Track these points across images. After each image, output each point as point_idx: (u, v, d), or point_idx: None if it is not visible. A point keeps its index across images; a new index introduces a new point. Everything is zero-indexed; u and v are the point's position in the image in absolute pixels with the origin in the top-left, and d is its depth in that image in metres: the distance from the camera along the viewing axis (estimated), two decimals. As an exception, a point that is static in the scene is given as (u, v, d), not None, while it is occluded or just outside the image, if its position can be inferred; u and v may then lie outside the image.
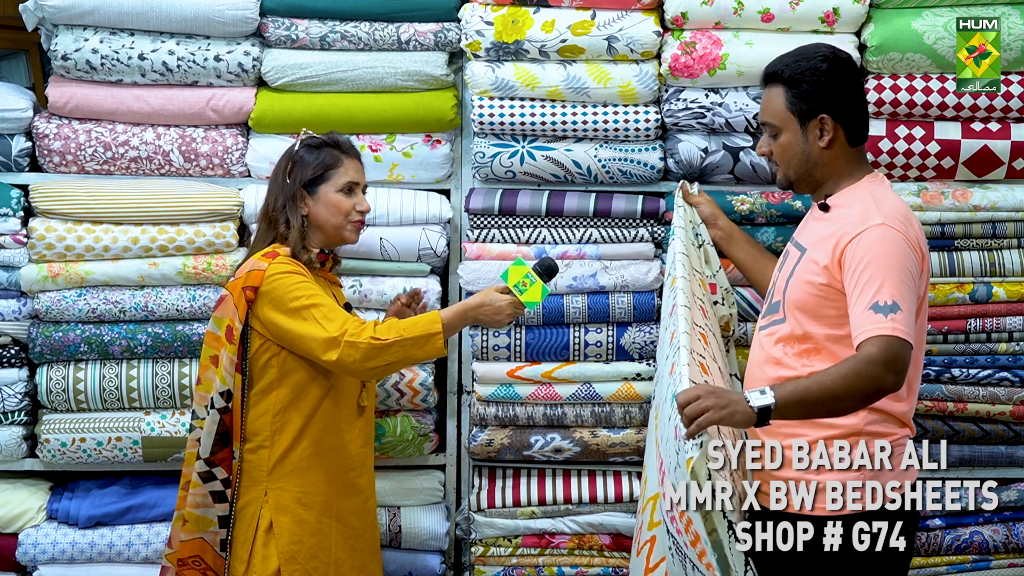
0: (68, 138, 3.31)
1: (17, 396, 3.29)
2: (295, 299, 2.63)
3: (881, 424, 2.38)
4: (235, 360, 2.72)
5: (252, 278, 2.69)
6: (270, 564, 2.65)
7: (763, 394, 2.16)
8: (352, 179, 2.78)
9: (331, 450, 2.71)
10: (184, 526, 2.75)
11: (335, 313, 2.62)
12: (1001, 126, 3.22)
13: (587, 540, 3.35)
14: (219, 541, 2.75)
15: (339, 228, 2.76)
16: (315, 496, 2.68)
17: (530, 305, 2.70)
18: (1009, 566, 3.33)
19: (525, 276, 2.67)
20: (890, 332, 2.20)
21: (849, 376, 2.18)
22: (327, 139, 2.83)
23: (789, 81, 2.49)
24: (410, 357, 2.61)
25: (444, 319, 2.63)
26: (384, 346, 2.56)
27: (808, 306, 2.42)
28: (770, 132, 2.55)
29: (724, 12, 3.18)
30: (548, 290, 2.71)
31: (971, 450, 3.30)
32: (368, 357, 2.57)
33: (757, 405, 2.15)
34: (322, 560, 2.67)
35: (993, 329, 3.23)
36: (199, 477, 2.73)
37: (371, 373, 2.65)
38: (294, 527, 2.66)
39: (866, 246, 2.30)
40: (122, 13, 3.25)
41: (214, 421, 2.72)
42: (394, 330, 2.59)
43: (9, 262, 3.25)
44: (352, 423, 2.76)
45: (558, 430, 3.33)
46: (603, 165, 3.28)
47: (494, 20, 3.23)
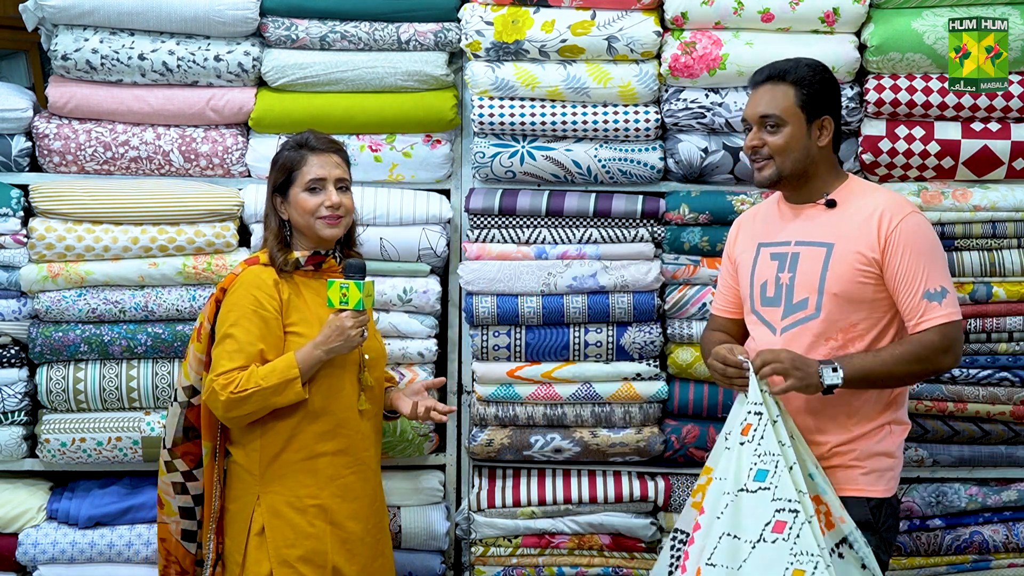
0: (68, 138, 3.31)
1: (17, 396, 3.29)
2: (227, 319, 2.67)
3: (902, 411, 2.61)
4: (202, 358, 2.75)
5: (226, 280, 2.74)
6: (262, 567, 2.64)
7: (835, 371, 2.38)
8: (316, 175, 2.74)
9: (328, 454, 2.69)
10: (163, 509, 2.89)
11: (238, 354, 2.62)
12: (1001, 126, 3.22)
13: (587, 540, 3.35)
14: (180, 531, 2.84)
15: (310, 227, 2.75)
16: (308, 500, 2.67)
17: (360, 305, 2.64)
18: (1009, 566, 3.33)
19: (341, 288, 2.63)
20: (947, 319, 2.44)
21: (912, 361, 2.43)
22: (300, 139, 2.82)
23: (799, 81, 2.57)
24: (271, 404, 2.62)
25: (299, 362, 2.62)
26: (243, 398, 2.59)
27: (855, 295, 2.51)
28: (771, 126, 2.56)
29: (724, 12, 3.18)
30: (363, 284, 2.64)
31: (971, 450, 3.30)
32: (228, 409, 2.62)
33: (828, 383, 2.38)
34: (316, 564, 2.66)
35: (993, 329, 3.23)
36: (164, 466, 2.85)
37: (235, 421, 2.68)
38: (286, 530, 2.65)
39: (908, 233, 2.48)
40: (122, 13, 3.25)
41: (176, 414, 2.80)
42: (253, 379, 2.60)
43: (9, 262, 3.25)
44: (354, 427, 2.73)
45: (558, 430, 3.33)
46: (603, 165, 3.28)
47: (494, 20, 3.23)
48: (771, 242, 2.66)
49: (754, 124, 2.60)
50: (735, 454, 2.42)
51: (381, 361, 2.86)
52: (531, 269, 3.27)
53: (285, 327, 2.69)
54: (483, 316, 3.28)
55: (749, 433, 2.42)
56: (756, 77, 2.64)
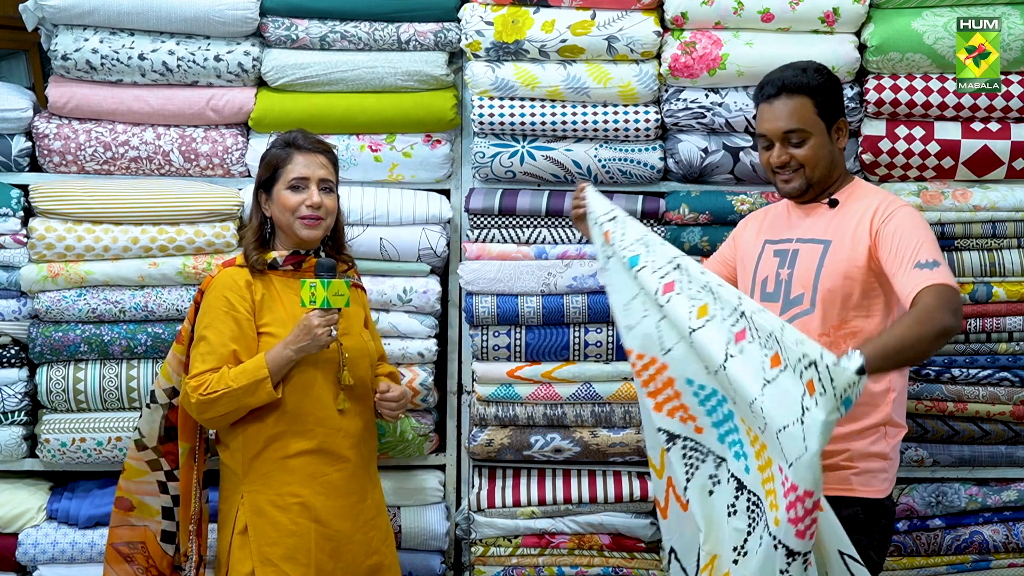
0: (68, 138, 3.31)
1: (17, 396, 3.29)
2: (201, 321, 2.71)
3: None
4: (182, 360, 2.77)
5: (205, 283, 2.76)
6: (244, 566, 2.64)
7: (857, 359, 2.21)
8: (300, 174, 2.74)
9: (308, 452, 2.68)
10: (134, 512, 2.89)
11: (210, 356, 2.65)
12: (1001, 126, 3.22)
13: (587, 540, 3.35)
14: (161, 532, 2.85)
15: (291, 225, 2.75)
16: (289, 498, 2.66)
17: (326, 304, 2.63)
18: (1009, 566, 3.33)
19: (311, 288, 2.63)
20: (939, 281, 2.34)
21: (915, 325, 2.29)
22: (288, 137, 2.82)
23: (815, 90, 2.58)
24: (243, 405, 2.63)
25: (269, 362, 2.63)
26: (214, 399, 2.61)
27: (848, 291, 2.51)
28: (796, 140, 2.58)
29: (724, 12, 3.18)
30: (329, 283, 2.63)
31: (971, 450, 3.30)
32: (201, 411, 2.64)
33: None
34: (300, 562, 2.64)
35: (993, 329, 3.23)
36: (147, 465, 2.85)
37: (210, 423, 2.71)
38: (268, 529, 2.64)
39: (899, 221, 2.47)
40: (122, 13, 3.25)
41: (155, 415, 2.83)
42: (223, 381, 2.61)
43: (9, 262, 3.25)
44: (334, 424, 2.71)
45: (558, 430, 3.33)
46: (603, 165, 3.28)
47: (494, 20, 3.23)
48: (776, 239, 2.69)
49: (776, 140, 2.60)
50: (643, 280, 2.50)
51: (365, 360, 2.82)
52: (531, 269, 3.27)
53: (258, 327, 2.70)
54: (483, 316, 3.28)
55: (612, 238, 2.56)
56: (767, 91, 2.61)
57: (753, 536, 2.27)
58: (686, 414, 2.46)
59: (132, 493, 2.90)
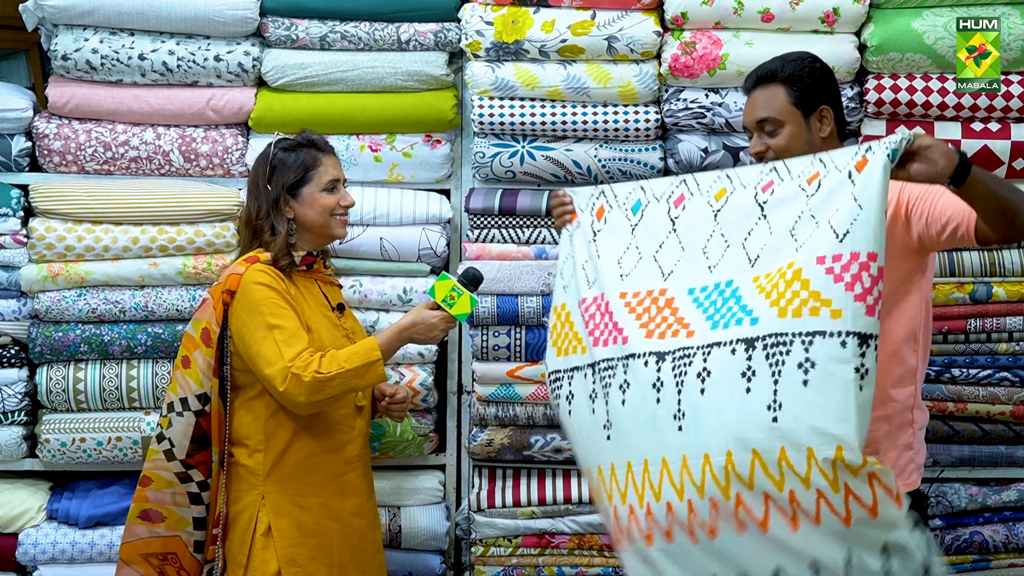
0: (68, 138, 3.31)
1: (17, 396, 3.29)
2: (260, 314, 2.63)
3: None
4: (212, 363, 2.70)
5: (230, 282, 2.68)
6: (269, 567, 2.64)
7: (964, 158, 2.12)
8: (333, 176, 2.76)
9: (328, 451, 2.70)
10: (165, 522, 2.73)
11: (294, 339, 2.61)
12: (1001, 126, 3.22)
13: (587, 540, 3.35)
14: (193, 543, 2.75)
15: (326, 226, 2.76)
16: (312, 498, 2.68)
17: (460, 317, 2.69)
18: (1009, 566, 3.33)
19: (452, 290, 2.65)
20: None
21: (1016, 190, 2.17)
22: (302, 139, 2.80)
23: (788, 79, 2.55)
24: (352, 387, 2.62)
25: (382, 344, 2.64)
26: (327, 379, 2.57)
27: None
28: (769, 129, 2.56)
29: (724, 12, 3.18)
30: (476, 300, 2.71)
31: (971, 450, 3.30)
32: (313, 392, 2.57)
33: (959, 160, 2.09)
34: (323, 562, 2.67)
35: (993, 329, 3.23)
36: (176, 477, 2.72)
37: (313, 407, 2.63)
38: (293, 529, 2.65)
39: (908, 186, 2.35)
40: (122, 13, 3.25)
41: (189, 423, 2.70)
42: (335, 362, 2.59)
43: (9, 262, 3.25)
44: (350, 424, 2.74)
45: (558, 430, 3.32)
46: (603, 165, 3.28)
47: (494, 20, 3.23)
48: None
49: (753, 130, 2.59)
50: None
51: None
52: (531, 269, 3.27)
53: None
54: (483, 316, 3.28)
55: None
56: (746, 83, 2.62)
57: (786, 373, 2.11)
58: (679, 326, 2.37)
59: (162, 504, 2.74)
